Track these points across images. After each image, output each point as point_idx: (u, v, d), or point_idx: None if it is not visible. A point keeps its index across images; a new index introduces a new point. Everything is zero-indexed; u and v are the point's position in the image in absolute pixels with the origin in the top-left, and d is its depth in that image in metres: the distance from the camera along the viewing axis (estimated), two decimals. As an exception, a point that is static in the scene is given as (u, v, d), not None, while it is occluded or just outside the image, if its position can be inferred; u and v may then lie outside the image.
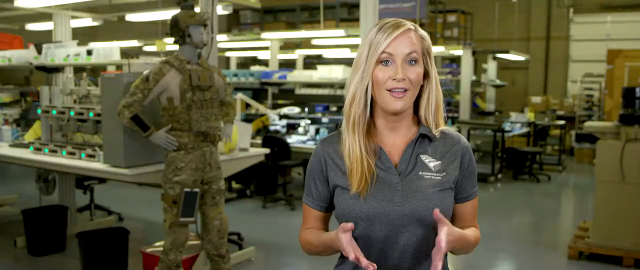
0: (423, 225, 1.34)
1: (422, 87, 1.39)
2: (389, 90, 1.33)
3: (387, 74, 1.33)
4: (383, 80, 1.33)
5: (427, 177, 1.37)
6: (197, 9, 3.68)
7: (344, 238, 1.27)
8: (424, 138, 1.41)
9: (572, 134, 10.21)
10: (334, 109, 7.20)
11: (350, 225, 1.26)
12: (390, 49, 1.33)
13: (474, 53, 8.53)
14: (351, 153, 1.37)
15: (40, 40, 5.22)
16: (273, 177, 6.76)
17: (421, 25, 1.45)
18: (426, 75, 1.38)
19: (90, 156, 3.74)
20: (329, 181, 1.43)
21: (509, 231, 5.67)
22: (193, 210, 3.34)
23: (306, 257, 4.57)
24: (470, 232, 1.41)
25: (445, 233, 1.24)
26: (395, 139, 1.41)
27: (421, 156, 1.39)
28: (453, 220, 1.46)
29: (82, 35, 9.02)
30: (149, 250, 3.84)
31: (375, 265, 1.23)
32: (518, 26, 13.02)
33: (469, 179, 1.43)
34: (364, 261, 1.23)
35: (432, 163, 1.38)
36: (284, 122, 7.09)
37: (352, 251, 1.25)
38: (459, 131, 1.51)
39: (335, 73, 7.28)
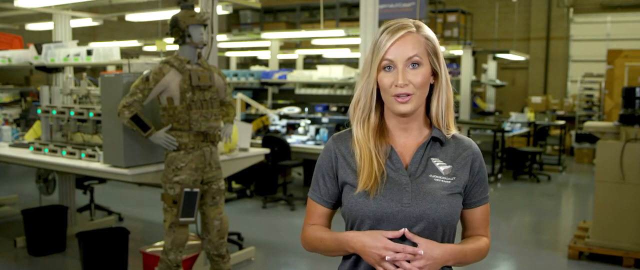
0: (430, 227, 1.34)
1: (433, 86, 1.38)
2: (394, 97, 1.33)
3: (390, 79, 1.33)
4: (387, 85, 1.33)
5: (437, 180, 1.37)
6: (197, 9, 3.68)
7: (386, 241, 1.28)
8: (435, 141, 1.40)
9: (572, 134, 10.24)
10: (334, 109, 7.20)
11: (401, 232, 1.30)
12: (390, 55, 1.32)
13: (474, 53, 8.54)
14: (361, 151, 1.37)
15: (40, 40, 5.23)
16: (273, 177, 6.76)
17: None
18: (436, 75, 1.37)
19: (90, 156, 3.74)
20: (338, 178, 1.43)
21: (509, 231, 5.67)
22: (193, 210, 3.34)
23: (306, 257, 4.58)
24: (472, 246, 1.41)
25: (423, 252, 1.27)
26: (407, 140, 1.41)
27: (432, 159, 1.39)
28: (463, 227, 1.47)
29: (82, 35, 9.03)
30: (149, 250, 3.84)
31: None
32: (518, 26, 13.03)
33: (479, 185, 1.43)
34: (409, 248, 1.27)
35: (443, 167, 1.38)
36: (284, 122, 7.09)
37: (404, 248, 1.27)
38: (459, 131, 1.51)
39: (335, 73, 7.28)
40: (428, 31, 1.37)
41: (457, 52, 8.71)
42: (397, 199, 1.34)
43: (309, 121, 6.96)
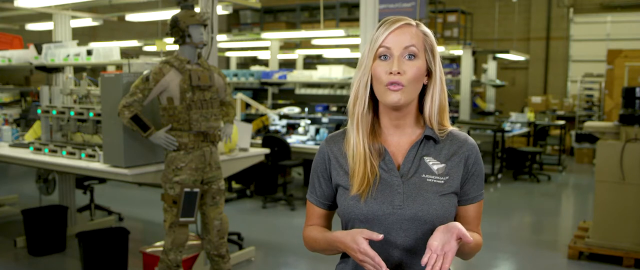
0: (423, 229, 1.32)
1: (426, 86, 1.36)
2: (386, 85, 1.30)
3: (384, 68, 1.31)
4: (381, 74, 1.31)
5: (430, 180, 1.34)
6: (197, 9, 3.68)
7: (363, 243, 1.24)
8: (428, 140, 1.38)
9: (572, 134, 10.22)
10: (334, 109, 7.20)
11: (380, 237, 1.24)
12: (388, 43, 1.31)
13: (474, 53, 8.54)
14: (355, 153, 1.35)
15: (40, 40, 5.23)
16: (273, 177, 6.76)
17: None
18: (431, 74, 1.36)
19: (90, 156, 3.74)
20: (332, 180, 1.42)
21: (509, 231, 5.67)
22: (193, 210, 3.34)
23: (306, 257, 4.58)
24: (472, 236, 1.37)
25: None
26: (400, 139, 1.39)
27: (425, 158, 1.37)
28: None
29: (82, 35, 9.02)
30: (149, 250, 3.84)
31: None
32: (518, 26, 13.03)
33: (472, 182, 1.39)
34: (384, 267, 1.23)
35: (436, 166, 1.36)
36: (284, 122, 7.09)
37: (373, 257, 1.23)
38: (459, 129, 1.51)
39: (335, 73, 7.28)
40: (427, 29, 1.37)
41: (457, 52, 8.71)
42: (389, 201, 1.33)
43: (309, 121, 6.96)
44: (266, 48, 9.52)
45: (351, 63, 9.16)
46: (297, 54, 10.03)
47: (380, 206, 1.33)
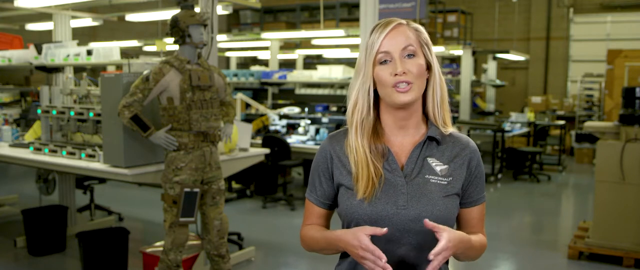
0: (426, 229, 1.31)
1: (427, 81, 1.37)
2: (394, 87, 1.31)
3: (387, 71, 1.31)
4: (385, 78, 1.31)
5: (433, 181, 1.35)
6: (197, 9, 3.68)
7: (365, 239, 1.23)
8: (432, 140, 1.39)
9: (572, 134, 10.22)
10: (334, 109, 7.20)
11: (384, 230, 1.23)
12: (385, 47, 1.32)
13: (474, 53, 8.53)
14: (356, 158, 1.35)
15: (40, 40, 5.22)
16: (273, 177, 6.76)
17: (421, 25, 1.42)
18: (429, 68, 1.37)
19: (90, 156, 3.74)
20: (334, 179, 1.41)
21: (509, 231, 5.67)
22: (193, 210, 3.34)
23: (306, 257, 4.58)
24: (476, 238, 1.38)
25: (446, 239, 1.21)
26: (403, 139, 1.39)
27: (428, 159, 1.37)
28: (459, 225, 1.45)
29: (82, 35, 9.02)
30: (149, 250, 3.84)
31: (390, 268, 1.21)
32: (518, 26, 13.03)
33: (474, 184, 1.41)
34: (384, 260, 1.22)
35: (439, 167, 1.36)
36: (284, 122, 7.09)
37: (373, 250, 1.22)
38: (459, 131, 1.52)
39: (335, 73, 7.28)
40: (417, 25, 1.38)
41: (457, 52, 8.70)
42: (393, 201, 1.33)
43: (309, 121, 6.96)
44: (266, 48, 9.51)
45: (351, 63, 9.15)
46: (297, 54, 10.03)
47: (384, 206, 1.32)
